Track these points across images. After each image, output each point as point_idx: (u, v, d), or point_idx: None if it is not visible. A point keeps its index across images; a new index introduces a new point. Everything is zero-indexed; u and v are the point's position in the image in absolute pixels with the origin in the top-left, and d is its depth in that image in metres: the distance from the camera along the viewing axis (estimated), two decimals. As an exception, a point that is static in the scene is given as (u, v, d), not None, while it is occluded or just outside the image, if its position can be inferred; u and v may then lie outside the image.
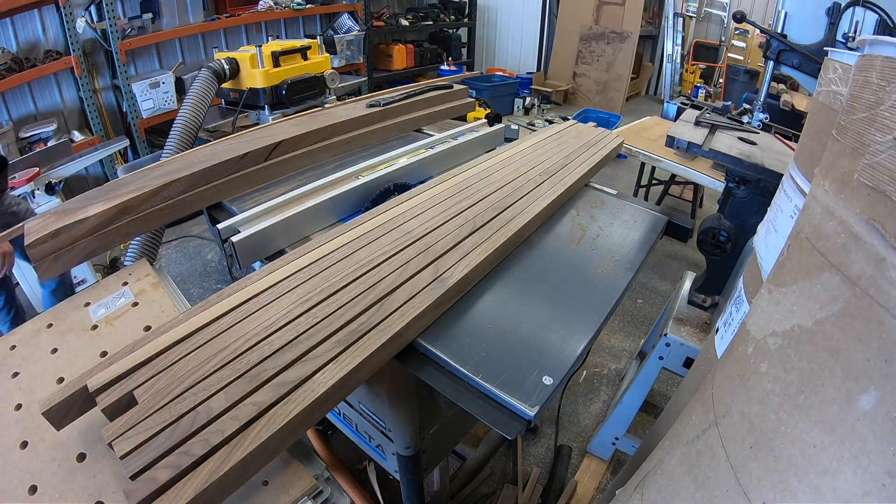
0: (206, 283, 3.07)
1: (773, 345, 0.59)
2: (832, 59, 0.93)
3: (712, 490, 0.59)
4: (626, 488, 0.86)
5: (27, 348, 0.97)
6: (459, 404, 0.83)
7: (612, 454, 1.94)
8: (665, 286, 3.15)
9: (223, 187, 1.35)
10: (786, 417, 0.53)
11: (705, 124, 1.77)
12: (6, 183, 2.00)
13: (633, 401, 1.77)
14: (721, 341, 1.04)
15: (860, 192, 0.51)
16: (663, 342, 1.60)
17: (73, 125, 3.65)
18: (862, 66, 0.59)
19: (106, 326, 1.00)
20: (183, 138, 1.75)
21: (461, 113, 2.11)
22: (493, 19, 6.94)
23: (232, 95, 2.26)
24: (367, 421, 1.48)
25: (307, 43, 2.40)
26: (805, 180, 0.90)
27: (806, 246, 0.59)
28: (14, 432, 0.81)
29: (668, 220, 1.42)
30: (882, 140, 0.50)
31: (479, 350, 0.90)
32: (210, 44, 4.25)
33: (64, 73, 3.46)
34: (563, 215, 1.41)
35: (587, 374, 2.44)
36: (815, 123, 0.96)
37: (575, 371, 0.96)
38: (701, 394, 0.76)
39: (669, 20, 6.74)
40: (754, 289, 0.97)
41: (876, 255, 0.47)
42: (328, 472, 0.73)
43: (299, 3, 4.50)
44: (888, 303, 0.45)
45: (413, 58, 5.58)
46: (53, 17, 3.36)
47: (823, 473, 0.47)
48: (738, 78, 5.43)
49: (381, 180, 1.39)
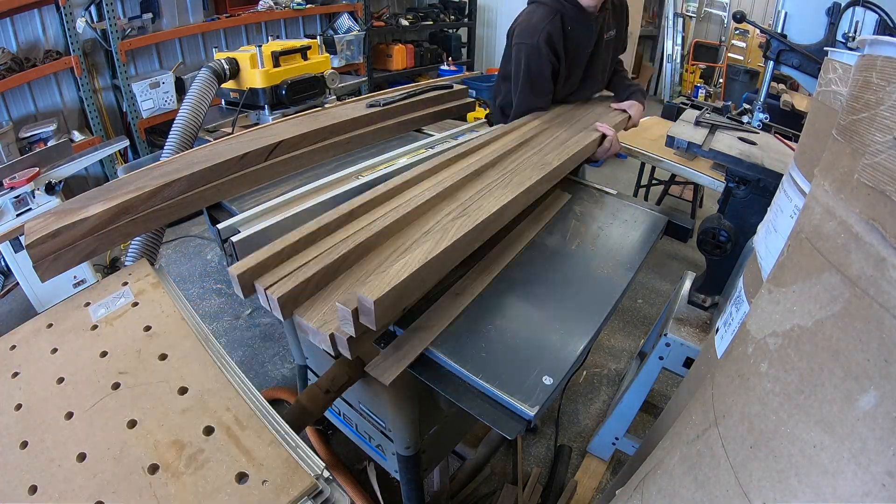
0: (206, 283, 3.07)
1: (773, 345, 0.59)
2: (832, 59, 0.93)
3: (712, 490, 0.59)
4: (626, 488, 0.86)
5: (27, 348, 0.97)
6: (459, 404, 0.83)
7: (612, 454, 1.94)
8: (665, 286, 3.15)
9: (223, 187, 1.35)
10: (786, 417, 0.53)
11: (705, 124, 1.77)
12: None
13: (633, 401, 1.77)
14: (721, 341, 1.03)
15: (860, 192, 0.51)
16: (663, 342, 1.60)
17: (73, 125, 3.65)
18: (862, 66, 0.59)
19: (106, 326, 1.00)
20: (183, 138, 1.74)
21: (461, 113, 2.11)
22: (493, 19, 6.93)
23: (232, 95, 2.26)
24: (367, 421, 1.48)
25: (307, 43, 2.39)
26: (805, 180, 0.90)
27: (806, 246, 0.59)
28: (14, 432, 0.81)
29: (668, 220, 1.42)
30: (882, 140, 0.50)
31: (479, 350, 0.90)
32: (210, 44, 4.24)
33: (64, 73, 3.46)
34: (563, 215, 1.41)
35: (587, 374, 2.44)
36: (815, 123, 0.96)
37: (575, 371, 0.96)
38: (701, 394, 0.76)
39: (669, 20, 6.74)
40: (754, 289, 0.97)
41: (876, 255, 0.47)
42: (328, 472, 0.73)
43: (299, 3, 4.50)
44: (888, 303, 0.45)
45: (413, 58, 5.58)
46: (53, 17, 3.36)
47: (823, 473, 0.47)
48: (738, 78, 5.43)
49: (381, 180, 1.39)
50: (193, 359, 0.90)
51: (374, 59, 5.40)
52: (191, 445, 0.75)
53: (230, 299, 2.92)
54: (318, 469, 0.72)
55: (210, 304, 2.88)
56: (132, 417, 0.80)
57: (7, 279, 2.90)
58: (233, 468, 0.72)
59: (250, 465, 0.72)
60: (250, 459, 0.73)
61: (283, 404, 2.13)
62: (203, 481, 0.71)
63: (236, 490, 0.69)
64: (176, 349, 0.92)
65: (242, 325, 2.72)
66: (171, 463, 0.73)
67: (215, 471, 0.72)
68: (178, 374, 0.87)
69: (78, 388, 0.87)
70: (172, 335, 0.96)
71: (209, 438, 0.76)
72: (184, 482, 0.71)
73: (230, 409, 0.81)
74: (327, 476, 0.72)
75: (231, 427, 0.78)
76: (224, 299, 2.92)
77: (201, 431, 0.77)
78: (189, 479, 0.71)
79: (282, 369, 2.42)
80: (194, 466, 0.73)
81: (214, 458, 0.74)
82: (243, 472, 0.72)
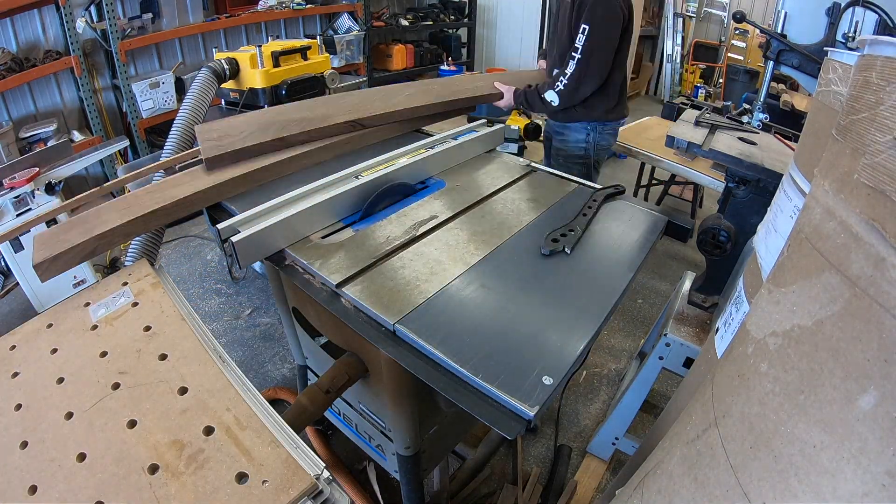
0: (206, 283, 3.07)
1: (773, 345, 0.59)
2: (832, 59, 0.93)
3: (712, 490, 0.59)
4: (626, 488, 0.86)
5: (27, 348, 0.97)
6: (459, 404, 0.83)
7: (612, 454, 1.94)
8: (665, 286, 3.15)
9: (223, 187, 1.35)
10: (786, 417, 0.53)
11: (705, 124, 1.78)
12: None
13: (633, 401, 1.77)
14: (721, 341, 1.04)
15: (860, 192, 0.51)
16: (663, 342, 1.60)
17: (73, 125, 3.65)
18: (862, 66, 0.59)
19: (106, 326, 1.00)
20: (183, 138, 1.74)
21: (461, 113, 2.11)
22: (492, 19, 6.93)
23: (232, 95, 2.27)
24: (367, 421, 1.48)
25: (307, 43, 2.40)
26: (805, 180, 0.90)
27: (806, 246, 0.59)
28: (14, 432, 0.81)
29: (668, 220, 1.42)
30: (882, 140, 0.50)
31: (478, 350, 0.90)
32: (210, 44, 4.24)
33: (64, 73, 3.46)
34: (564, 215, 1.41)
35: (587, 374, 2.44)
36: (815, 123, 0.96)
37: (575, 371, 0.96)
38: (701, 394, 0.76)
39: (669, 20, 6.74)
40: (754, 289, 0.97)
41: (876, 255, 0.47)
42: (328, 472, 0.73)
43: (299, 3, 4.50)
44: (888, 303, 0.45)
45: (413, 58, 5.58)
46: (53, 17, 3.36)
47: (823, 473, 0.47)
48: (737, 78, 5.43)
49: (381, 180, 1.39)
50: (193, 359, 0.90)
51: (374, 59, 5.40)
52: (191, 445, 0.75)
53: (230, 299, 2.92)
54: (318, 469, 0.72)
55: (210, 304, 2.88)
56: (132, 417, 0.80)
57: (7, 279, 2.90)
58: (233, 468, 0.72)
59: (250, 465, 0.72)
60: (250, 459, 0.73)
61: (283, 404, 2.13)
62: (203, 481, 0.71)
63: (236, 490, 0.69)
64: (176, 349, 0.92)
65: (242, 325, 2.72)
66: (171, 463, 0.73)
67: (215, 471, 0.72)
68: (178, 374, 0.87)
69: (78, 389, 0.87)
70: (172, 335, 0.96)
71: (209, 438, 0.76)
72: (184, 482, 0.71)
73: (230, 409, 0.81)
74: (327, 476, 0.72)
75: (231, 427, 0.78)
76: (224, 299, 2.92)
77: (201, 431, 0.77)
78: (189, 479, 0.71)
79: (282, 369, 2.42)
80: (194, 466, 0.73)
81: (214, 458, 0.74)
82: (243, 472, 0.72)
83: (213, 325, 2.70)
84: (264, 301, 2.89)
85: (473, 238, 1.25)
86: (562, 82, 2.00)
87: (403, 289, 1.05)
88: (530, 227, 1.32)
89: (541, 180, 1.62)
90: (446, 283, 1.07)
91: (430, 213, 1.35)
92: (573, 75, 1.97)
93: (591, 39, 1.89)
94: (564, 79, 1.99)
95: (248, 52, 2.15)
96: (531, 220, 1.35)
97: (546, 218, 1.37)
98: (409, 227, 1.27)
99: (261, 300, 2.90)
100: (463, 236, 1.26)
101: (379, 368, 1.21)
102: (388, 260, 1.15)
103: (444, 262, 1.14)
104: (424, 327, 0.94)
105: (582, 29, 1.90)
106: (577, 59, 1.93)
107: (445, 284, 1.07)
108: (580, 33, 1.91)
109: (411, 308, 0.99)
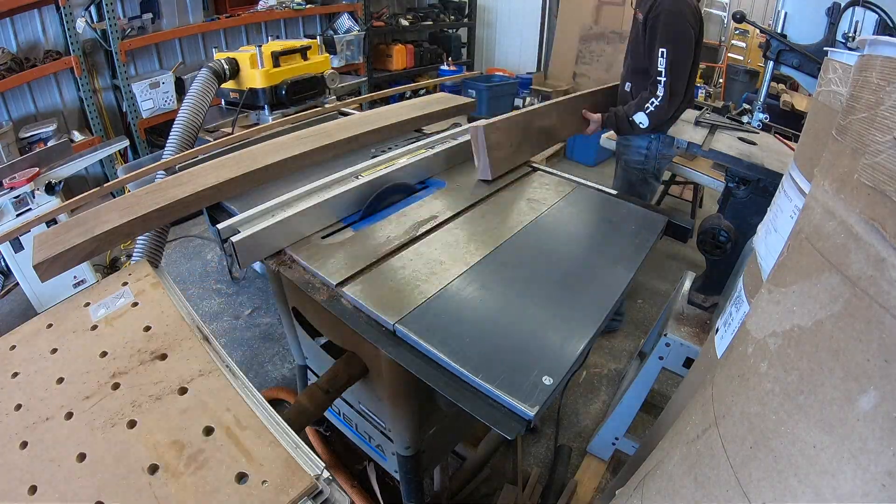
0: (206, 283, 3.07)
1: (773, 345, 0.59)
2: (832, 59, 0.93)
3: (712, 490, 0.59)
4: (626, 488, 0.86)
5: (27, 348, 0.97)
6: (459, 404, 0.83)
7: (612, 454, 1.94)
8: (665, 286, 3.15)
9: (223, 187, 1.35)
10: (786, 417, 0.53)
11: (705, 124, 1.78)
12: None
13: (633, 401, 1.77)
14: (721, 341, 1.04)
15: (860, 192, 0.51)
16: (663, 342, 1.60)
17: (73, 125, 3.65)
18: (862, 66, 0.59)
19: (106, 326, 1.00)
20: (183, 138, 1.74)
21: (462, 114, 2.11)
22: (492, 19, 6.93)
23: (232, 95, 2.26)
24: (367, 421, 1.48)
25: (307, 43, 2.40)
26: (805, 180, 0.90)
27: (806, 246, 0.59)
28: (14, 432, 0.81)
29: (668, 220, 1.42)
30: (882, 140, 0.50)
31: (478, 350, 0.90)
32: (210, 44, 4.24)
33: (64, 73, 3.46)
34: (564, 215, 1.41)
35: (587, 374, 2.44)
36: (815, 123, 0.96)
37: (575, 371, 0.96)
38: (701, 394, 0.76)
39: (669, 20, 6.71)
40: (754, 289, 0.97)
41: (876, 255, 0.47)
42: (328, 473, 0.73)
43: (299, 4, 4.50)
44: (888, 303, 0.45)
45: (413, 58, 5.58)
46: (53, 18, 3.36)
47: (823, 473, 0.47)
48: (737, 78, 5.42)
49: (381, 180, 1.39)
50: (193, 359, 0.90)
51: (374, 60, 5.40)
52: (191, 445, 0.75)
53: (230, 299, 2.92)
54: (318, 469, 0.72)
55: (210, 304, 2.88)
56: (132, 417, 0.80)
57: (7, 279, 2.90)
58: (233, 468, 0.72)
59: (250, 466, 0.72)
60: (250, 459, 0.73)
61: (283, 404, 2.13)
62: (203, 481, 0.71)
63: (236, 490, 0.69)
64: (176, 349, 0.92)
65: (242, 325, 2.72)
66: (171, 463, 0.73)
67: (215, 471, 0.72)
68: (178, 374, 0.87)
69: (78, 389, 0.86)
70: (172, 335, 0.96)
71: (209, 438, 0.76)
72: (184, 482, 0.71)
73: (230, 409, 0.81)
74: (327, 476, 0.72)
75: (231, 427, 0.78)
76: (224, 299, 2.92)
77: (201, 431, 0.77)
78: (189, 479, 0.71)
79: (282, 369, 2.42)
80: (194, 466, 0.73)
81: (214, 458, 0.74)
82: (243, 472, 0.72)
83: (213, 325, 2.70)
84: (264, 301, 2.89)
85: (473, 238, 1.25)
86: (652, 104, 2.00)
87: (403, 289, 1.05)
88: (530, 227, 1.32)
89: (541, 180, 1.62)
90: (446, 283, 1.07)
91: (431, 212, 1.35)
92: (664, 97, 1.98)
93: (671, 61, 1.92)
94: (656, 100, 2.00)
95: (248, 52, 2.15)
96: (531, 220, 1.35)
97: (546, 217, 1.37)
98: (409, 227, 1.27)
99: (261, 300, 2.90)
100: (463, 236, 1.26)
101: (379, 368, 1.21)
102: (388, 260, 1.15)
103: (444, 262, 1.14)
104: (424, 327, 0.94)
105: (661, 52, 1.93)
106: (664, 81, 1.95)
107: (445, 284, 1.07)
108: (660, 56, 1.94)
109: (411, 308, 0.99)
